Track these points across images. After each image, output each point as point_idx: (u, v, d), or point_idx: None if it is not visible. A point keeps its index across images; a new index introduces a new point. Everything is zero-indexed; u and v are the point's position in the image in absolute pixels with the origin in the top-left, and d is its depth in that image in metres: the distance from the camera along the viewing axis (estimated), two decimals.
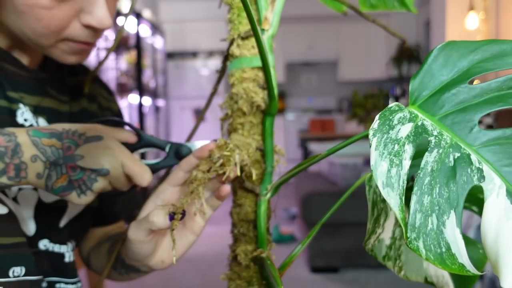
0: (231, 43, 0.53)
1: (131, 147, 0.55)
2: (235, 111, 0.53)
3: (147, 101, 4.58)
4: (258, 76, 0.52)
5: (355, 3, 0.62)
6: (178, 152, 0.55)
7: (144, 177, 0.50)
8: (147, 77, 4.52)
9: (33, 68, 0.61)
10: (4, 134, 0.46)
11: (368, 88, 6.44)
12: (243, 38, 0.52)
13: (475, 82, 0.32)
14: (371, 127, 0.29)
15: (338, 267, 2.51)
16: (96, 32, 0.55)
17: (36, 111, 0.59)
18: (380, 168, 0.28)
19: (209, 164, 0.49)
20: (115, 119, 0.55)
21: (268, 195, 0.51)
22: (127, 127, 0.58)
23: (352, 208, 2.32)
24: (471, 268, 0.26)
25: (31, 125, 0.57)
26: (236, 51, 0.53)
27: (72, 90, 0.66)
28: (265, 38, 0.51)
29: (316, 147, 3.90)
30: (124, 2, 4.04)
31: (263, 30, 0.51)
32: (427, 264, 0.48)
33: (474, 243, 0.47)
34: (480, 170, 0.28)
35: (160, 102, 5.17)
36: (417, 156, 0.30)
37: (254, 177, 0.51)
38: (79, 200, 0.49)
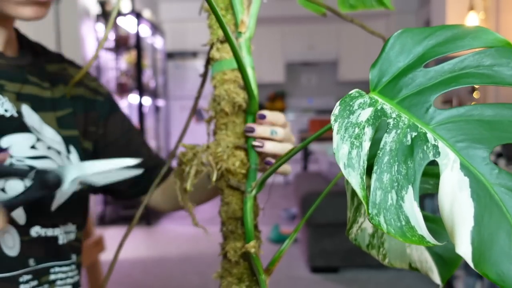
0: (211, 47, 0.55)
1: None
2: (218, 112, 0.55)
3: (147, 101, 4.58)
4: (238, 77, 0.54)
5: (334, 4, 0.63)
6: (44, 181, 0.48)
7: None
8: (147, 77, 4.53)
9: (10, 55, 0.63)
10: None
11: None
12: (222, 42, 0.54)
13: None
14: (332, 113, 0.31)
15: (338, 267, 2.51)
16: None
17: (19, 98, 0.61)
18: (341, 150, 0.29)
19: (179, 171, 0.54)
20: None
21: (254, 191, 0.52)
22: None
23: None
24: (430, 239, 0.27)
25: (11, 116, 0.59)
26: (216, 54, 0.55)
27: (51, 77, 0.68)
28: (242, 40, 0.53)
29: (316, 147, 3.91)
30: (124, 2, 4.07)
31: (240, 33, 0.53)
32: (410, 250, 0.49)
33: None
34: (435, 147, 0.29)
35: (160, 102, 5.17)
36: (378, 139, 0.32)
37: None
38: None
